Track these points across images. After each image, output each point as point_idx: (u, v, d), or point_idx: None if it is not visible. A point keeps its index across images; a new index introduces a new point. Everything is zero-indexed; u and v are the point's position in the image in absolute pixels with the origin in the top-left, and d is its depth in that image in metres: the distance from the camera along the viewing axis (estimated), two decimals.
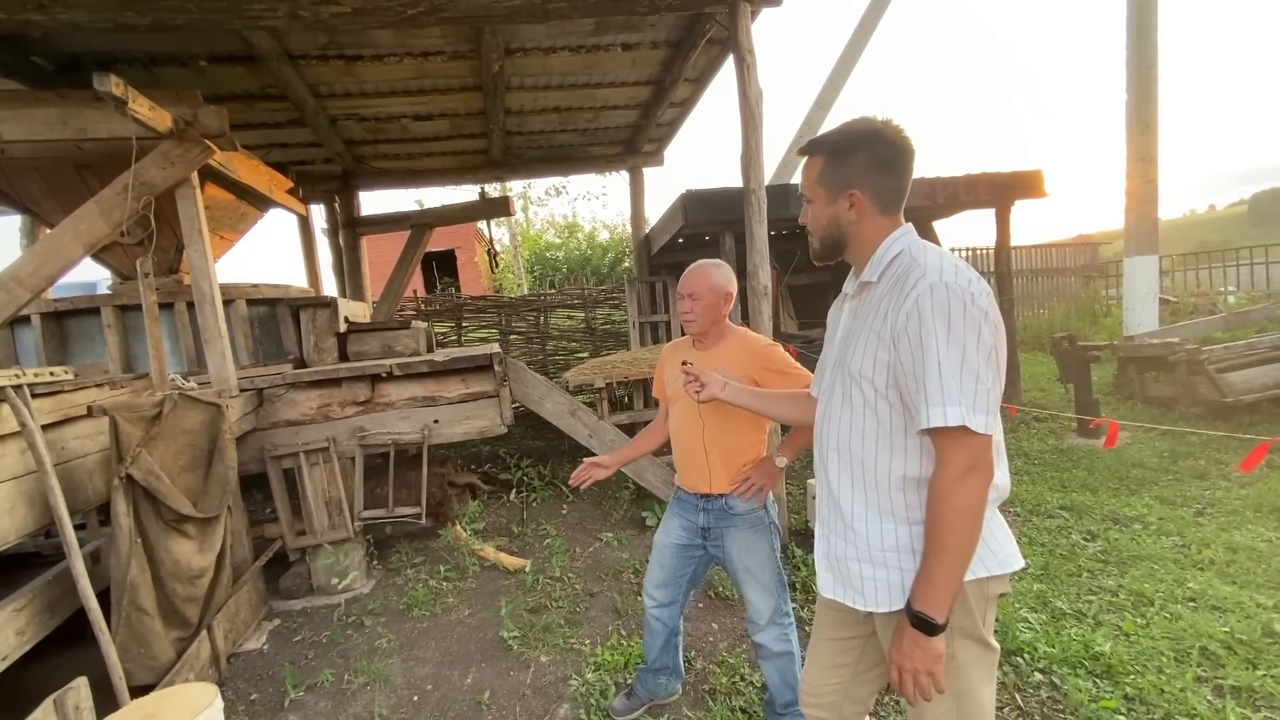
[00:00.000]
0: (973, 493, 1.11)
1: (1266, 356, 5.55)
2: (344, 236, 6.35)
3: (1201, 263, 13.00)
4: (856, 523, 1.30)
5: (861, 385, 1.27)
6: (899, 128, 1.28)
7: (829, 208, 1.33)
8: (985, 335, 1.13)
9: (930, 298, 1.14)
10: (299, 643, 3.10)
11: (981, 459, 1.12)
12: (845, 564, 1.33)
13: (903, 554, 1.25)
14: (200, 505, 2.71)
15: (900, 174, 1.29)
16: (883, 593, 1.27)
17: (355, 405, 3.57)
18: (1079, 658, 2.53)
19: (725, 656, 2.77)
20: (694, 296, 1.99)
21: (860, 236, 1.32)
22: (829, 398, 1.39)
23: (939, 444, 1.15)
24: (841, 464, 1.33)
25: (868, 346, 1.26)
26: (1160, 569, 3.23)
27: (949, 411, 1.10)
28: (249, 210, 4.54)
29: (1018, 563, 1.26)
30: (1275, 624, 2.64)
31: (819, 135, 1.37)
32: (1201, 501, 4.07)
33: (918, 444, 1.22)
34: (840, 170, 1.29)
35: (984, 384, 1.12)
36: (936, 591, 1.13)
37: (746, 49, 3.74)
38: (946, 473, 1.13)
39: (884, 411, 1.25)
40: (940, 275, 1.16)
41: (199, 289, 3.11)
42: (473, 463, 5.87)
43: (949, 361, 1.12)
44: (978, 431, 1.10)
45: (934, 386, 1.12)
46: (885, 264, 1.28)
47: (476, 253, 17.94)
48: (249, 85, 4.52)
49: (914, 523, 1.24)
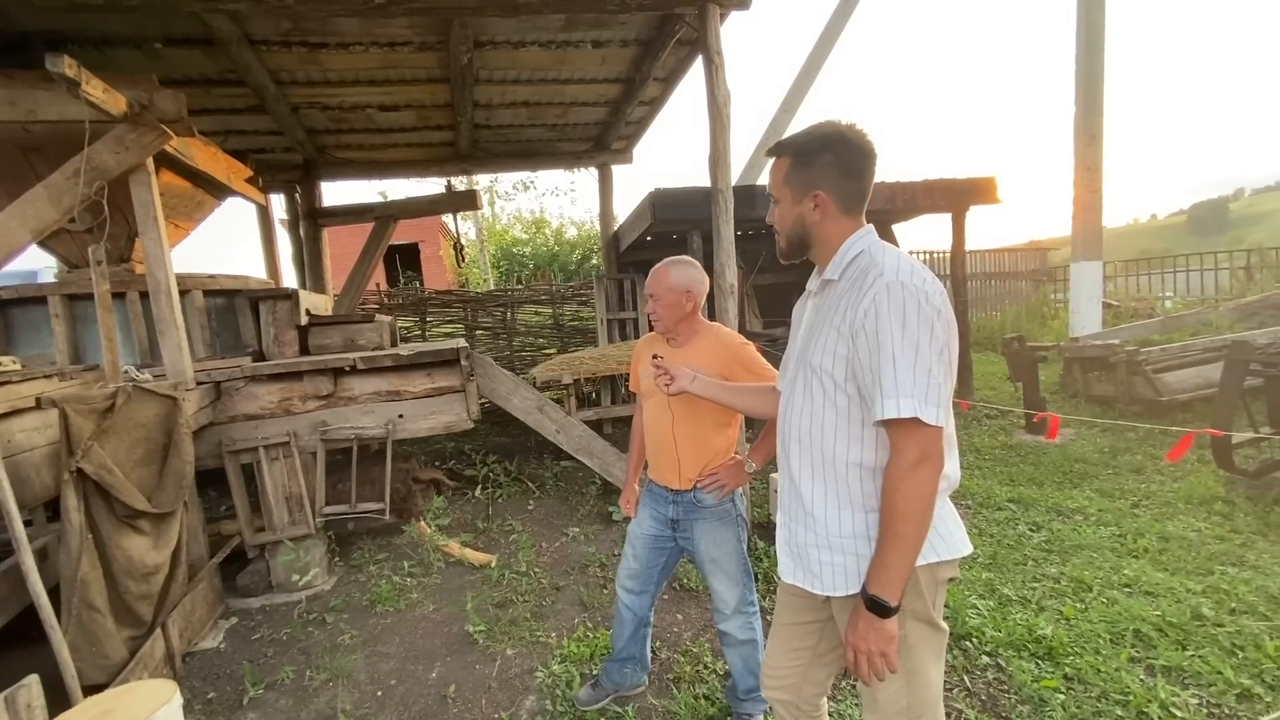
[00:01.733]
0: (924, 482, 1.17)
1: (1199, 359, 5.89)
2: (305, 228, 6.20)
3: (1142, 269, 13.69)
4: (816, 510, 1.35)
5: (822, 379, 1.33)
6: (862, 132, 1.33)
7: (795, 208, 1.38)
8: (938, 332, 1.19)
9: (887, 296, 1.20)
10: (258, 640, 3.04)
11: (932, 449, 1.18)
12: (805, 550, 1.39)
13: (859, 540, 1.30)
14: (155, 500, 2.63)
15: (862, 177, 1.34)
16: (839, 577, 1.32)
17: (317, 399, 3.51)
18: (1023, 641, 2.67)
19: (689, 646, 2.82)
20: (654, 296, 2.03)
21: (824, 236, 1.37)
22: (791, 390, 1.45)
23: (892, 435, 1.21)
24: (803, 454, 1.39)
25: (828, 341, 1.31)
26: (1099, 557, 3.42)
27: (902, 404, 1.16)
28: (205, 198, 4.40)
29: (966, 548, 1.33)
30: (1203, 608, 2.83)
31: (787, 137, 1.42)
32: (1138, 494, 4.31)
33: (874, 435, 1.28)
34: (806, 172, 1.34)
35: (935, 378, 1.18)
36: (890, 575, 1.19)
37: (715, 50, 3.81)
38: (899, 462, 1.19)
39: (842, 404, 1.31)
40: (897, 274, 1.21)
41: (154, 279, 3.01)
42: (438, 459, 5.81)
43: (903, 356, 1.17)
44: (929, 423, 1.16)
45: (889, 380, 1.18)
46: (846, 263, 1.34)
47: (441, 246, 17.67)
48: (206, 69, 4.39)
49: (869, 510, 1.30)
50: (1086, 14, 7.81)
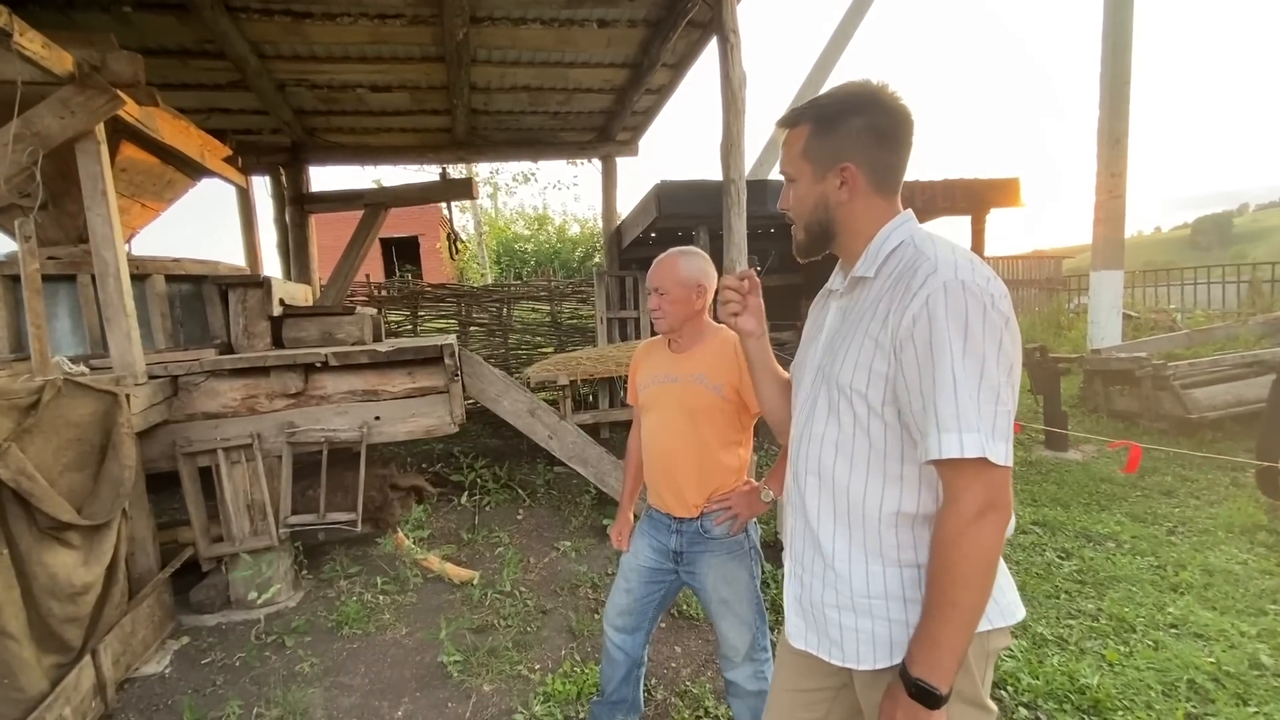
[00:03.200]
0: (989, 537, 0.92)
1: (1230, 374, 5.59)
2: (291, 213, 5.89)
3: (1150, 281, 13.42)
4: (838, 562, 1.09)
5: (851, 400, 1.06)
6: (896, 94, 1.07)
7: (816, 185, 1.12)
8: (1006, 346, 0.94)
9: (944, 299, 0.94)
10: (207, 666, 2.73)
11: (1000, 496, 0.92)
12: (822, 610, 1.12)
13: (892, 602, 1.05)
14: (86, 510, 2.33)
15: (899, 147, 1.09)
16: (865, 647, 1.06)
17: (285, 398, 3.20)
18: (1064, 690, 2.37)
19: (688, 686, 2.52)
20: (661, 291, 1.74)
21: (852, 221, 1.12)
22: (810, 413, 1.15)
23: (949, 477, 0.95)
24: (823, 493, 1.11)
25: (861, 355, 1.04)
26: (1138, 591, 3.11)
27: (965, 440, 0.90)
28: (177, 177, 4.09)
29: (1020, 613, 1.08)
30: (1261, 655, 2.53)
31: (804, 102, 1.14)
32: (1172, 519, 4.01)
33: (915, 473, 1.03)
34: (830, 140, 1.09)
35: (1004, 405, 0.93)
36: (940, 655, 0.94)
37: (731, 29, 3.51)
38: (958, 512, 0.93)
39: (877, 433, 1.04)
40: (955, 272, 0.95)
41: (101, 259, 2.70)
42: (424, 461, 5.50)
43: (965, 376, 0.92)
44: (998, 464, 0.91)
45: (947, 408, 0.92)
46: (884, 256, 1.07)
47: (440, 240, 17.39)
48: (182, 38, 4.08)
49: (906, 565, 1.05)
50: (1114, 13, 7.52)
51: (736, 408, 1.71)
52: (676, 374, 1.75)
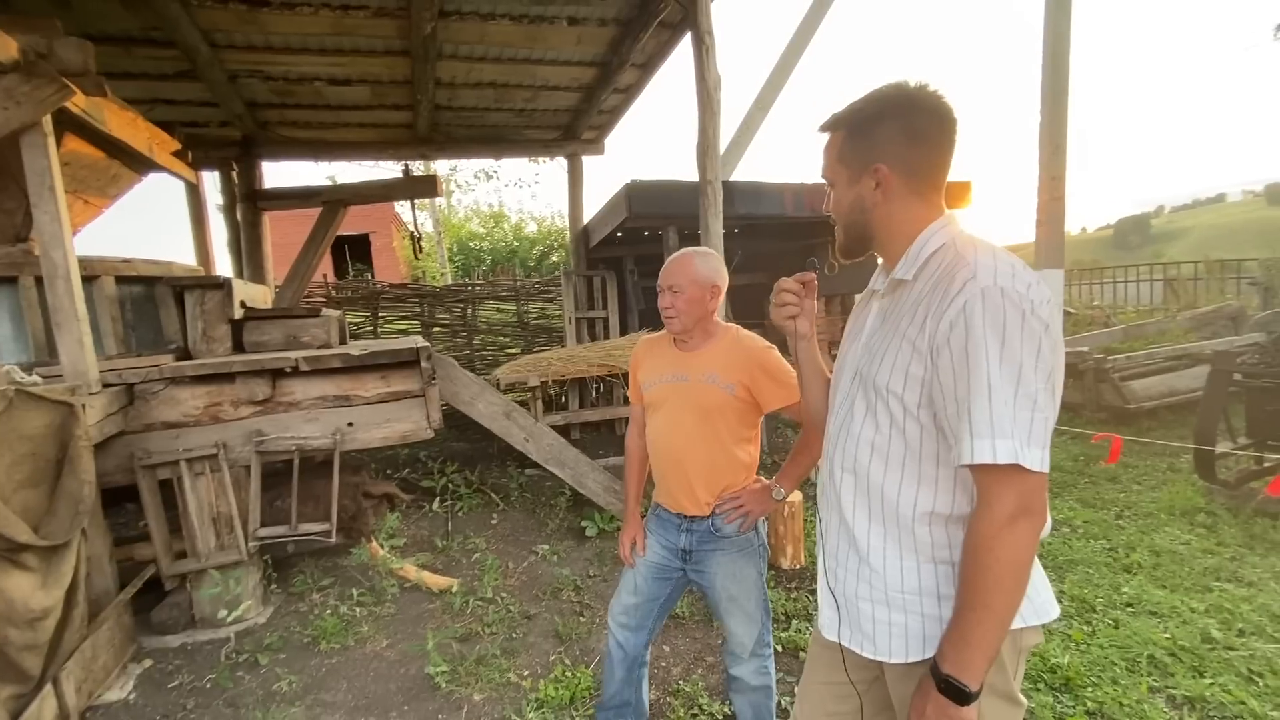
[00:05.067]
0: (1022, 541, 0.94)
1: (1163, 367, 5.98)
2: (243, 211, 5.60)
3: (1080, 279, 14.27)
4: (874, 557, 1.12)
5: (888, 402, 1.08)
6: (937, 93, 1.08)
7: (852, 189, 1.14)
8: (1045, 352, 0.95)
9: (981, 304, 0.95)
10: (175, 689, 2.59)
11: (1034, 501, 0.94)
12: (855, 604, 1.15)
13: (925, 598, 1.07)
14: (44, 530, 2.17)
15: (938, 147, 1.09)
16: (898, 641, 1.09)
17: (252, 405, 3.06)
18: (1038, 670, 2.50)
19: (680, 684, 2.54)
20: (675, 289, 1.74)
21: (889, 222, 1.13)
22: (847, 410, 1.18)
23: (983, 482, 0.97)
24: (858, 490, 1.14)
25: (899, 357, 1.06)
26: (1095, 573, 3.30)
27: (999, 446, 0.92)
28: (122, 171, 3.84)
29: (1054, 611, 1.10)
30: (1211, 629, 2.72)
31: (840, 110, 1.16)
32: (1119, 504, 4.26)
33: (950, 475, 1.05)
34: (864, 143, 1.11)
35: (1041, 412, 0.94)
36: (972, 654, 0.96)
37: (706, 30, 3.55)
38: (991, 516, 0.95)
39: (913, 434, 1.06)
40: (995, 278, 0.96)
41: (50, 261, 2.52)
42: (389, 468, 5.34)
43: (1001, 384, 0.93)
44: (1032, 469, 0.92)
45: (981, 414, 0.94)
46: (924, 259, 1.08)
47: (394, 238, 16.90)
48: (126, 25, 3.83)
49: (940, 562, 1.07)
50: (1053, 28, 7.92)
51: (748, 406, 1.73)
52: (687, 373, 1.75)
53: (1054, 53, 7.89)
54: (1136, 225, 68.03)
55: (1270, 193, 77.81)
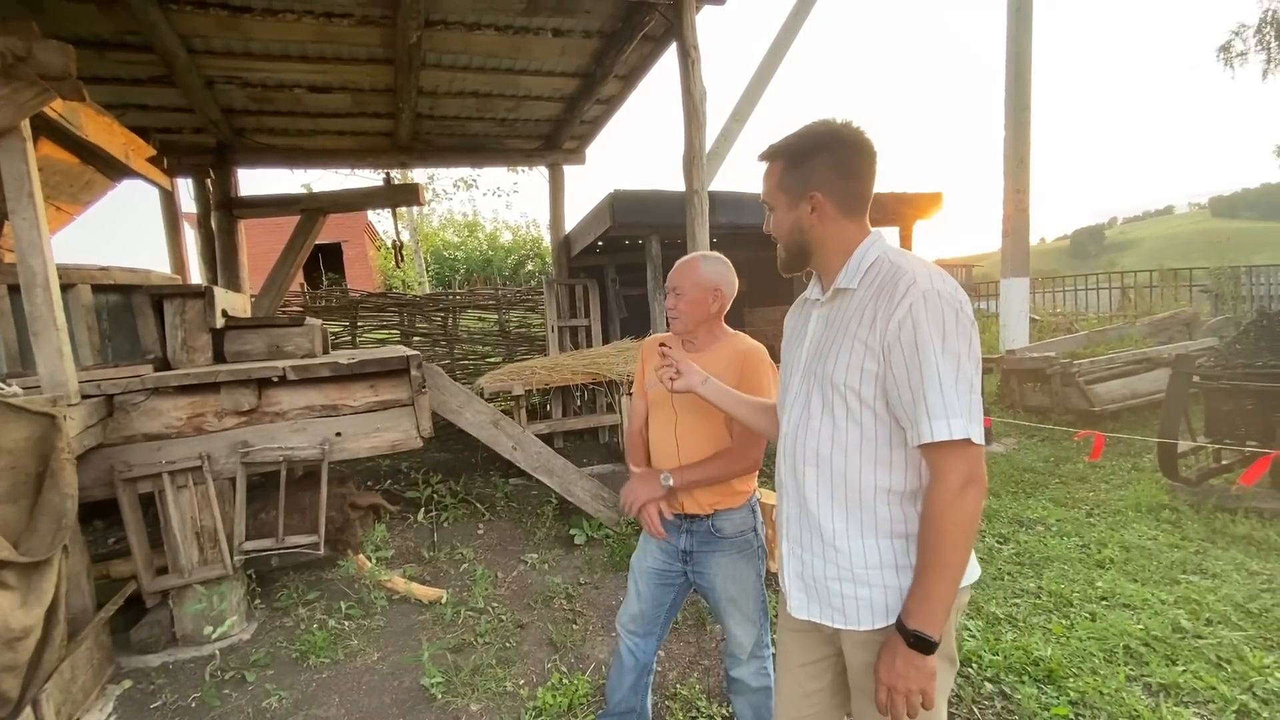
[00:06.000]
0: (971, 505, 1.10)
1: (1124, 370, 6.24)
2: (218, 219, 5.49)
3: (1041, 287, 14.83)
4: (838, 540, 1.25)
5: (846, 397, 1.22)
6: (859, 129, 1.24)
7: (791, 213, 1.29)
8: (974, 345, 1.14)
9: (924, 306, 1.11)
10: (158, 710, 2.51)
11: (978, 470, 1.11)
12: (824, 584, 1.28)
13: (885, 570, 1.22)
14: (24, 546, 2.09)
15: (861, 177, 1.26)
16: (865, 611, 1.23)
17: (237, 415, 3.00)
18: (1022, 664, 2.58)
19: (677, 688, 2.55)
20: (678, 291, 1.80)
21: (824, 241, 1.28)
22: (804, 410, 1.31)
23: (937, 458, 1.12)
24: (820, 479, 1.27)
25: (853, 357, 1.20)
26: (1070, 569, 3.42)
27: (953, 424, 1.08)
28: (96, 178, 3.75)
29: (977, 572, 1.28)
30: (1181, 620, 2.84)
31: (777, 141, 1.32)
32: (1089, 503, 4.42)
33: (902, 456, 1.20)
34: (799, 173, 1.26)
35: (976, 394, 1.12)
36: (934, 608, 1.12)
37: (691, 44, 3.62)
38: (946, 486, 1.11)
39: (868, 423, 1.21)
40: (931, 283, 1.13)
41: (28, 269, 2.44)
42: (371, 479, 5.26)
43: (948, 372, 1.10)
44: (976, 443, 1.10)
45: (935, 398, 1.10)
46: (863, 270, 1.24)
47: (366, 246, 16.67)
48: (101, 29, 3.75)
49: (897, 536, 1.22)
50: (1015, 45, 8.25)
51: None
52: (698, 367, 1.78)
53: (1017, 70, 8.22)
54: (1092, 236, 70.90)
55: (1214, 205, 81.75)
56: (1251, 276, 12.09)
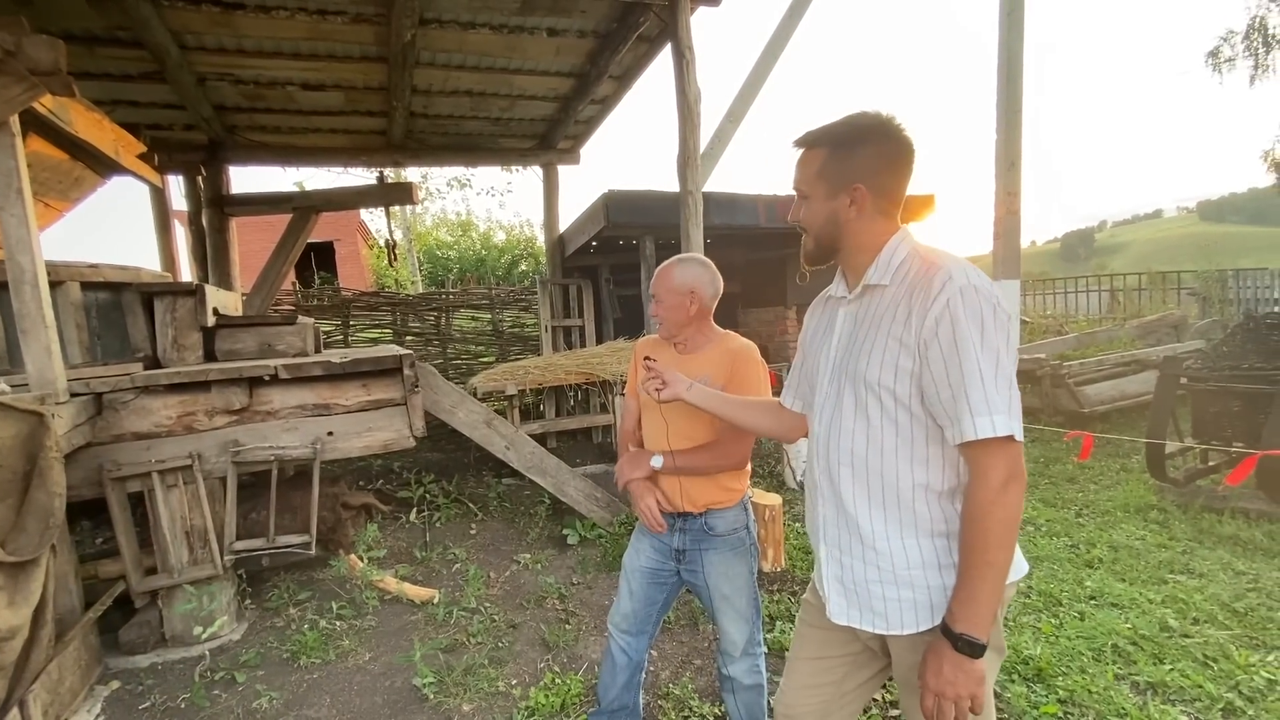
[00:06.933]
0: (1014, 502, 1.08)
1: (1113, 372, 6.29)
2: (209, 216, 5.45)
3: (1031, 289, 14.95)
4: (878, 542, 1.22)
5: (880, 395, 1.19)
6: (903, 125, 1.21)
7: (828, 203, 1.24)
8: (1012, 339, 1.12)
9: (962, 302, 1.09)
10: (147, 711, 2.49)
11: (1018, 467, 1.09)
12: (865, 587, 1.24)
13: (928, 570, 1.19)
14: (11, 545, 2.07)
15: (903, 173, 1.23)
16: (909, 614, 1.20)
17: (228, 414, 2.98)
18: (1011, 662, 2.60)
19: (670, 688, 2.55)
20: (657, 298, 1.82)
21: (858, 235, 1.25)
22: (835, 409, 1.28)
23: (979, 455, 1.09)
24: (857, 479, 1.24)
25: (886, 354, 1.17)
26: (1059, 569, 3.45)
27: (996, 421, 1.06)
28: (85, 174, 3.71)
29: (1025, 567, 1.25)
30: (1169, 619, 2.87)
31: (820, 127, 1.27)
32: (1078, 503, 4.46)
33: (939, 453, 1.17)
34: (845, 163, 1.21)
35: (1015, 390, 1.10)
36: (981, 610, 1.08)
37: (686, 45, 3.63)
38: (988, 484, 1.08)
39: (904, 421, 1.18)
40: (967, 278, 1.11)
41: (16, 265, 2.42)
42: (362, 479, 5.24)
43: (988, 369, 1.07)
44: (1018, 440, 1.08)
45: (976, 394, 1.07)
46: (894, 267, 1.21)
47: (360, 245, 16.59)
48: (91, 24, 3.72)
49: (938, 535, 1.19)
50: (1007, 48, 8.30)
51: None
52: (682, 375, 1.79)
53: (1009, 73, 8.26)
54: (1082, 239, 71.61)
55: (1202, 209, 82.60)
56: (1238, 280, 12.25)
